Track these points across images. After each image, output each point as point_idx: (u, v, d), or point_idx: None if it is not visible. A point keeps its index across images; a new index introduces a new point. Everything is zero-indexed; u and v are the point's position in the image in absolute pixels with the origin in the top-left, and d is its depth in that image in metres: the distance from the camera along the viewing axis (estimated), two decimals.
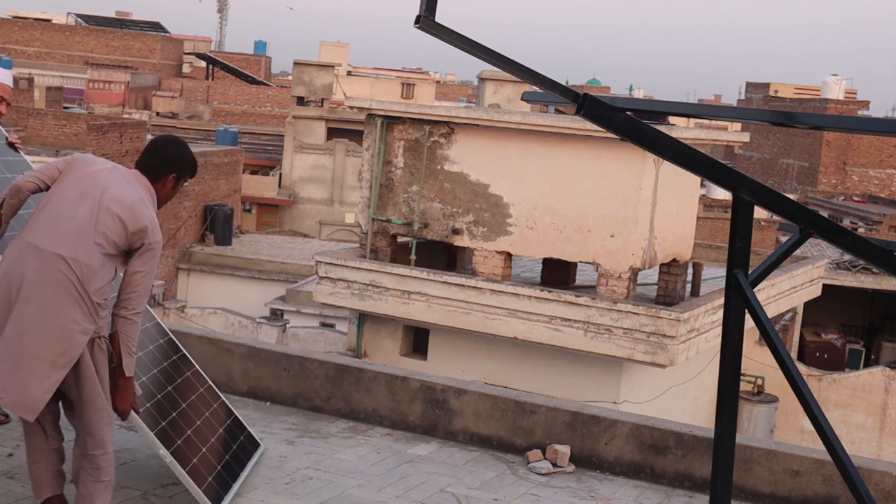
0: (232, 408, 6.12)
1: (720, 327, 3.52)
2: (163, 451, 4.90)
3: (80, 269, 4.38)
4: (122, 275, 4.56)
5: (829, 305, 25.32)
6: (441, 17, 2.60)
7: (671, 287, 15.56)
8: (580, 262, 15.17)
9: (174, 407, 5.36)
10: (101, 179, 4.54)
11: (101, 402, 4.54)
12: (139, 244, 4.49)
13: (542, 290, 14.29)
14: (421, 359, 15.71)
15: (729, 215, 11.47)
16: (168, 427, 5.11)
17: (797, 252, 17.68)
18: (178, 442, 5.11)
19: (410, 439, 6.76)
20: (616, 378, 14.60)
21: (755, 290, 3.23)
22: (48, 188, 4.63)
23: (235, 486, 5.36)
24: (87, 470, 4.57)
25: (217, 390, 6.10)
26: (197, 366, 6.07)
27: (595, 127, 5.75)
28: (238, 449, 5.75)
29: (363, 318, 15.91)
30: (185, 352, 6.04)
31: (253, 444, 5.99)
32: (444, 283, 14.69)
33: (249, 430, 6.11)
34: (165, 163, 4.73)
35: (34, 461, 4.74)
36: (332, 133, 41.70)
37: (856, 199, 45.69)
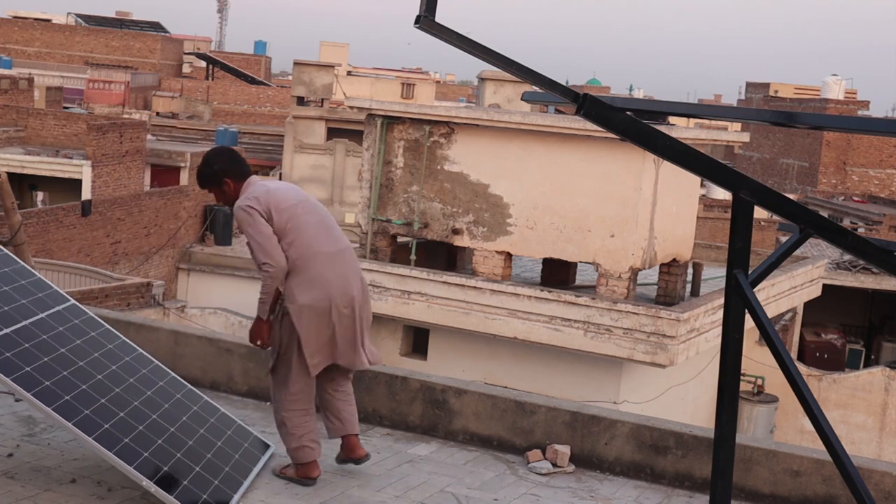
0: (234, 417, 6.04)
1: (720, 327, 3.52)
2: (146, 483, 4.72)
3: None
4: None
5: (829, 305, 25.32)
6: (441, 17, 2.60)
7: (671, 287, 15.56)
8: (580, 262, 15.17)
9: (160, 434, 5.18)
10: (290, 195, 5.57)
11: None
12: None
13: (542, 290, 14.29)
14: (421, 359, 15.71)
15: (729, 215, 11.47)
16: (151, 456, 4.92)
17: (797, 252, 17.68)
18: (165, 469, 4.93)
19: (410, 439, 6.75)
20: (616, 378, 14.60)
21: (755, 290, 3.23)
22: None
23: (236, 498, 5.25)
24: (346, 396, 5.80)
25: (217, 406, 5.98)
26: (191, 387, 5.94)
27: (595, 127, 5.75)
28: (241, 457, 5.64)
29: None
30: (173, 375, 5.89)
31: (259, 448, 5.90)
32: (444, 283, 14.69)
33: (256, 434, 6.04)
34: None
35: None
36: (332, 133, 41.69)
37: (856, 199, 45.67)
